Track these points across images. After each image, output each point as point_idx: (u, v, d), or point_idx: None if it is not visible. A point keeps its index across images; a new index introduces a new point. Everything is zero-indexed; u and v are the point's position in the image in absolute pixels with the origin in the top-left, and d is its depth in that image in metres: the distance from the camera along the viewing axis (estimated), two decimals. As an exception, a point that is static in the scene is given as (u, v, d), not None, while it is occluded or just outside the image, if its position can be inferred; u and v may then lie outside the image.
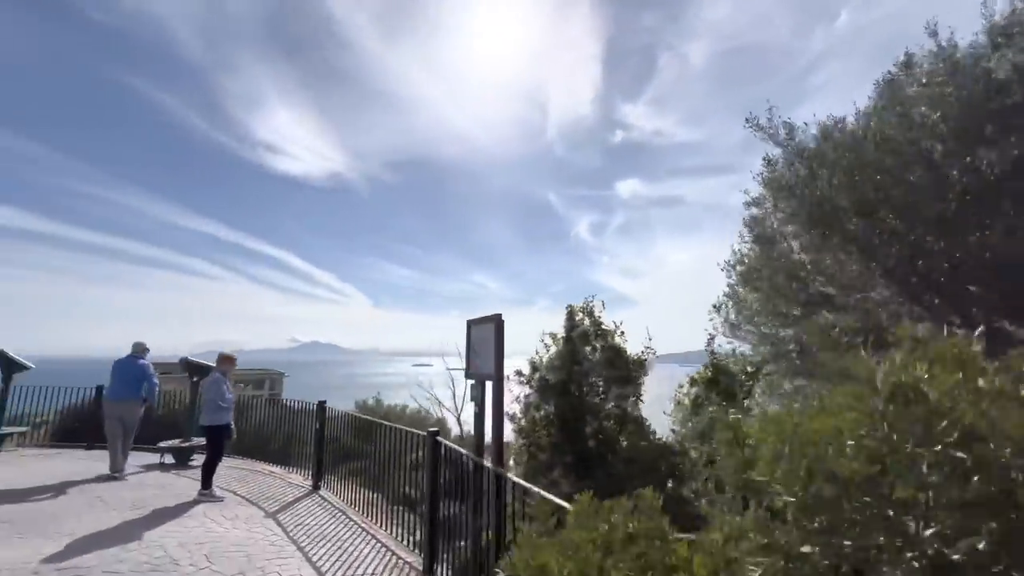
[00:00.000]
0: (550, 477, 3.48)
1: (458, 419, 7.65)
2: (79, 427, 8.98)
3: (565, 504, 2.08)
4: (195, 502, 5.53)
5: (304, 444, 7.97)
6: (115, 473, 6.57)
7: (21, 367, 8.42)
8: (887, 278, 3.57)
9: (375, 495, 6.38)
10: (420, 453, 7.42)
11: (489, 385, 4.18)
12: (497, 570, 1.74)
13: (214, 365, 8.17)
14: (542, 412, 4.04)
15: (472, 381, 4.34)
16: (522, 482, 3.03)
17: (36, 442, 8.96)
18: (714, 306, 5.60)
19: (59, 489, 5.71)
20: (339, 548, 4.53)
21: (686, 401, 4.40)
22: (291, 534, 4.75)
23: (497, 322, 3.95)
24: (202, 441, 7.71)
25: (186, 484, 6.31)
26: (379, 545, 4.71)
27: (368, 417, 6.39)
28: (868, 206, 3.37)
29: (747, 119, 4.24)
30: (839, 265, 3.76)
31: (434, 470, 4.31)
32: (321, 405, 6.78)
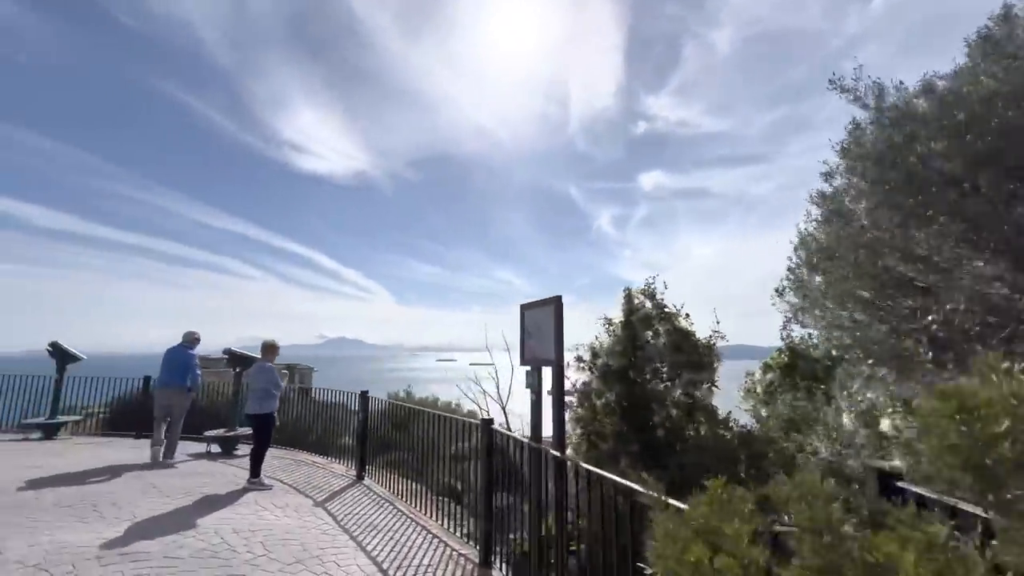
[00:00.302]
0: (616, 467, 3.27)
1: (503, 408, 7.47)
2: (128, 417, 9.22)
3: (657, 497, 1.87)
4: (245, 490, 5.54)
5: (341, 435, 8.00)
6: (154, 460, 6.76)
7: (74, 358, 8.67)
8: (996, 256, 3.22)
9: (418, 486, 6.30)
10: (465, 443, 7.33)
11: (547, 371, 4.00)
12: (642, 565, 1.55)
13: (258, 356, 8.28)
14: (603, 399, 3.82)
15: (528, 368, 4.16)
16: (595, 470, 2.83)
17: (88, 431, 9.23)
18: (776, 290, 5.29)
19: (113, 476, 5.80)
20: (391, 538, 4.43)
21: (758, 388, 4.13)
22: (342, 523, 4.68)
23: (556, 305, 3.75)
24: (247, 431, 7.81)
25: (234, 472, 6.35)
26: (430, 535, 4.59)
27: (414, 405, 6.29)
28: (978, 170, 3.03)
29: (831, 80, 3.90)
30: (936, 242, 3.42)
31: (489, 459, 4.16)
32: (364, 395, 6.73)
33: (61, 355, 8.54)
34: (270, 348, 6.06)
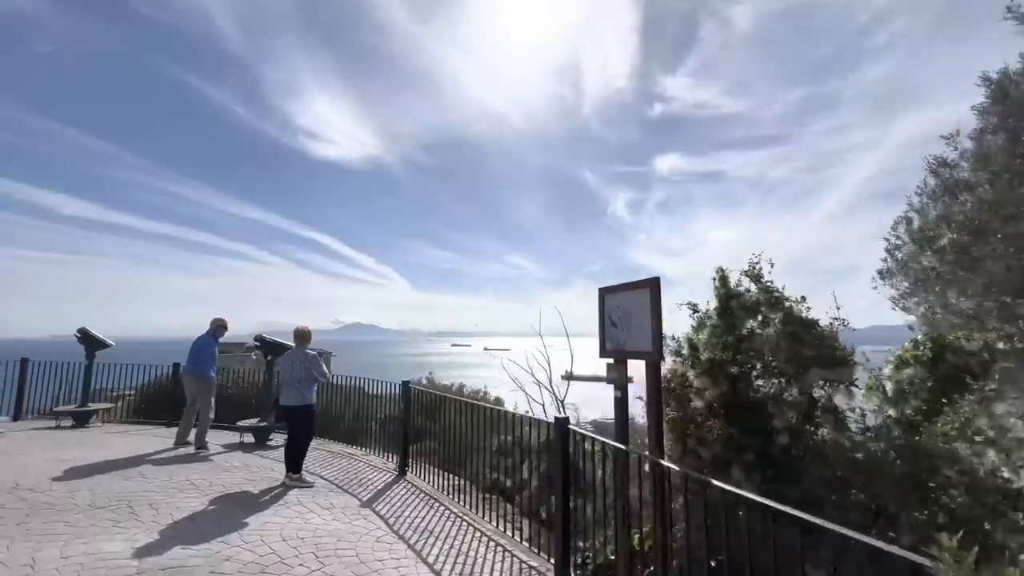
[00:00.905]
0: (726, 478, 2.75)
1: (561, 404, 6.96)
2: (159, 404, 9.00)
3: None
4: (284, 487, 5.17)
5: (372, 423, 7.65)
6: (177, 443, 6.72)
7: (103, 345, 8.41)
8: None
9: (462, 481, 5.90)
10: (506, 436, 6.89)
11: (631, 365, 3.48)
12: None
13: (289, 343, 7.91)
14: (703, 400, 3.28)
15: (609, 360, 3.64)
16: (733, 489, 2.31)
17: (119, 418, 9.03)
18: (879, 272, 4.67)
19: (148, 469, 5.49)
20: (450, 547, 4.00)
21: (888, 386, 3.55)
22: (395, 528, 4.27)
23: (653, 288, 3.20)
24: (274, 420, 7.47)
25: (271, 467, 6.01)
26: (491, 543, 4.15)
27: (465, 399, 5.84)
28: None
29: (1008, 7, 3.23)
30: None
31: (565, 462, 3.67)
32: (406, 386, 6.30)
33: (90, 341, 8.28)
34: (305, 335, 5.63)
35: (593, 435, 3.56)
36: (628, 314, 3.41)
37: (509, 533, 4.36)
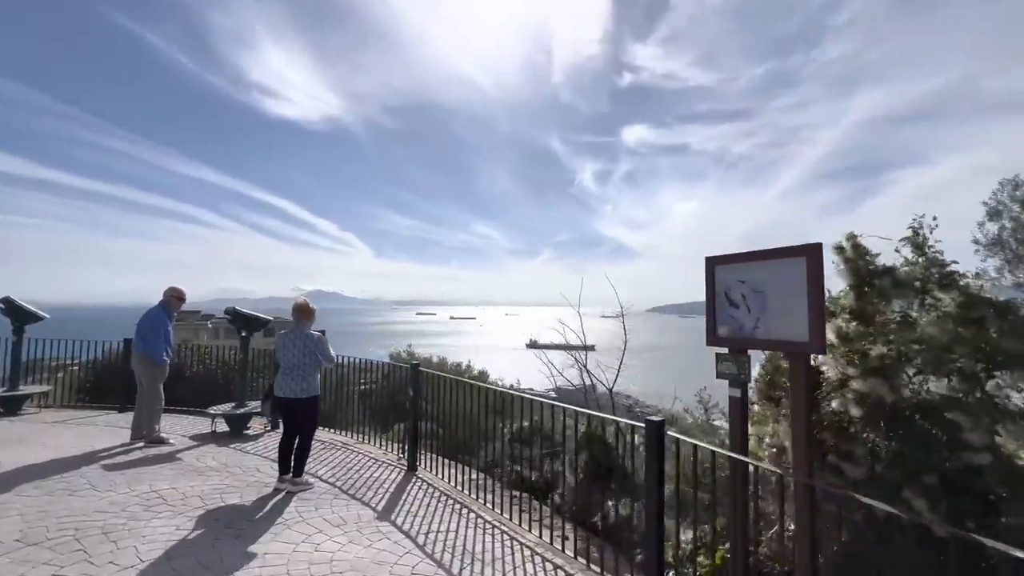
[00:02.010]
0: (896, 503, 2.06)
1: (610, 393, 6.20)
2: (109, 385, 7.72)
3: None
4: (276, 492, 4.25)
5: (347, 404, 6.75)
6: (135, 439, 5.59)
7: (34, 317, 7.02)
8: None
9: (478, 474, 5.16)
10: (522, 422, 6.14)
11: (744, 358, 2.71)
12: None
13: (266, 316, 6.77)
14: (848, 403, 2.55)
15: (721, 350, 2.86)
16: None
17: (60, 402, 7.71)
18: (979, 241, 4.05)
19: (99, 476, 4.41)
20: None
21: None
22: (429, 550, 3.44)
23: (812, 257, 2.40)
24: (253, 405, 6.44)
25: (255, 465, 5.03)
26: (550, 565, 3.41)
27: (487, 385, 4.97)
28: None
29: None
30: None
31: (660, 475, 2.91)
32: (415, 369, 5.39)
33: (16, 313, 6.87)
34: (306, 310, 4.56)
35: (703, 445, 2.80)
36: (763, 292, 2.60)
37: (559, 546, 3.63)
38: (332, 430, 6.86)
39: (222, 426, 6.37)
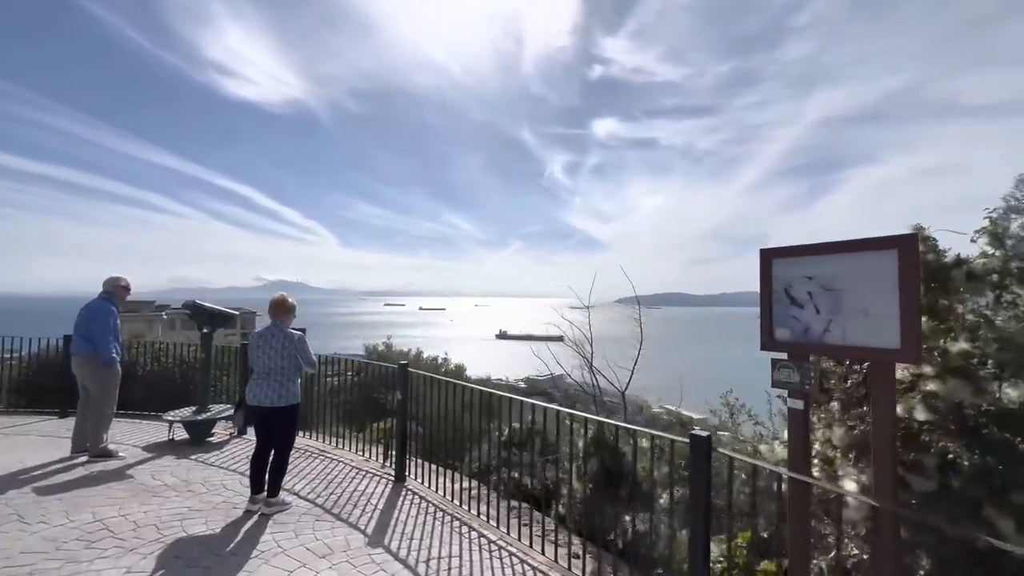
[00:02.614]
0: (980, 524, 1.78)
1: (622, 396, 5.82)
2: (48, 386, 6.85)
3: None
4: (248, 516, 3.69)
5: (326, 405, 6.19)
6: (77, 453, 4.90)
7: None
8: None
9: (471, 482, 4.77)
10: (511, 423, 5.74)
11: (806, 365, 2.37)
12: None
13: (233, 311, 6.09)
14: (915, 406, 2.25)
15: (778, 355, 2.51)
16: None
17: (-13, 407, 6.79)
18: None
19: (31, 503, 3.73)
20: (520, 609, 2.82)
21: None
22: (433, 584, 3.00)
23: (906, 249, 2.05)
24: (222, 409, 5.80)
25: (221, 479, 4.43)
26: (570, 595, 3.03)
27: (496, 391, 4.50)
28: None
29: None
30: None
31: (707, 496, 2.55)
32: (404, 369, 4.87)
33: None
34: (284, 305, 3.96)
35: (757, 462, 2.45)
36: (838, 290, 2.25)
37: (571, 566, 3.26)
38: (306, 434, 6.28)
39: (181, 433, 5.69)
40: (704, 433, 2.56)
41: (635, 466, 3.93)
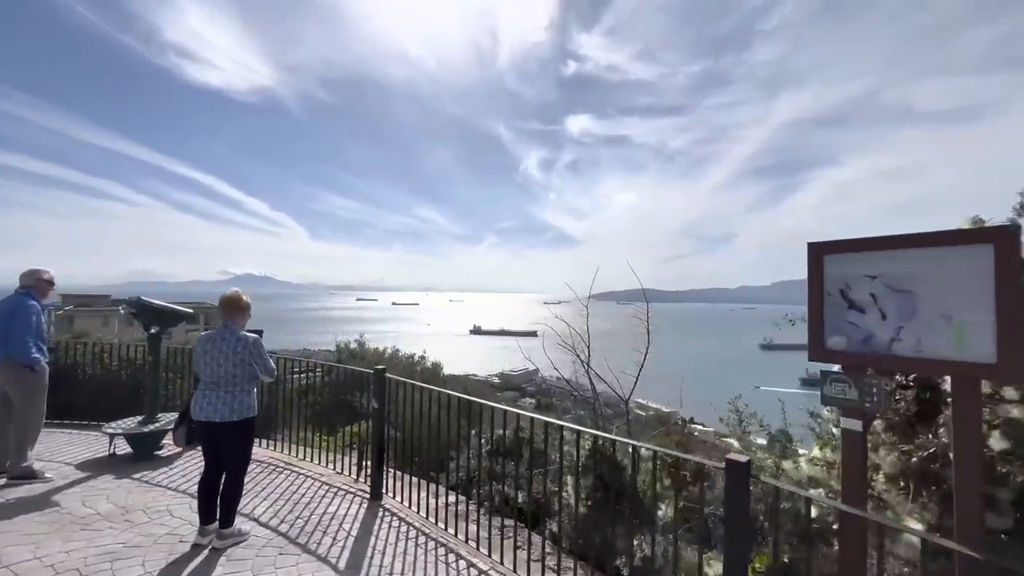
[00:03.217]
0: None
1: (625, 404, 5.39)
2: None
3: None
4: (196, 551, 3.14)
5: (293, 411, 5.64)
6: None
7: None
8: None
9: (456, 497, 4.34)
10: (492, 431, 5.31)
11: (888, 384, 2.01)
12: None
13: (182, 308, 5.43)
14: (990, 433, 1.93)
15: (829, 367, 2.14)
16: None
17: None
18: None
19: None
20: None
21: None
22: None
23: (1003, 244, 1.70)
24: (168, 418, 5.17)
25: (167, 503, 3.84)
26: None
27: (487, 403, 4.04)
28: None
29: None
30: None
31: (747, 527, 2.18)
32: (380, 375, 4.37)
33: None
34: (236, 303, 3.39)
35: (804, 492, 2.09)
36: (911, 291, 1.89)
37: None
38: (269, 444, 5.69)
39: (124, 447, 5.03)
40: (742, 458, 2.18)
41: (637, 481, 3.57)
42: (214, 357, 3.21)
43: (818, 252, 2.18)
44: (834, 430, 2.73)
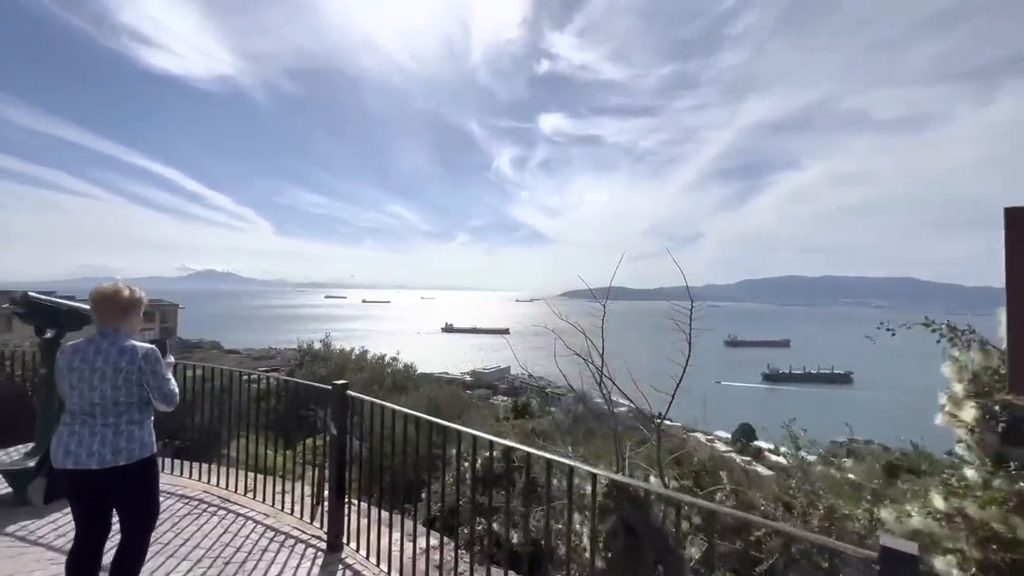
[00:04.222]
0: None
1: (657, 427, 4.49)
2: None
3: None
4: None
5: (234, 430, 4.62)
6: None
7: None
8: None
9: (429, 535, 3.49)
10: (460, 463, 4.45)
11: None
12: None
13: (83, 307, 4.31)
14: None
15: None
16: None
17: None
18: None
19: None
20: None
21: None
22: None
23: None
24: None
25: (45, 574, 2.83)
26: None
27: (476, 433, 3.13)
28: None
29: None
30: None
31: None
32: (341, 392, 3.42)
33: None
34: (120, 302, 2.38)
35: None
36: None
37: None
38: (201, 475, 4.63)
39: (3, 487, 3.91)
40: (909, 549, 1.38)
41: (661, 521, 2.78)
42: (84, 377, 2.21)
43: (1018, 219, 1.39)
44: (969, 475, 2.00)
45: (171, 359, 2.74)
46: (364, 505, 3.84)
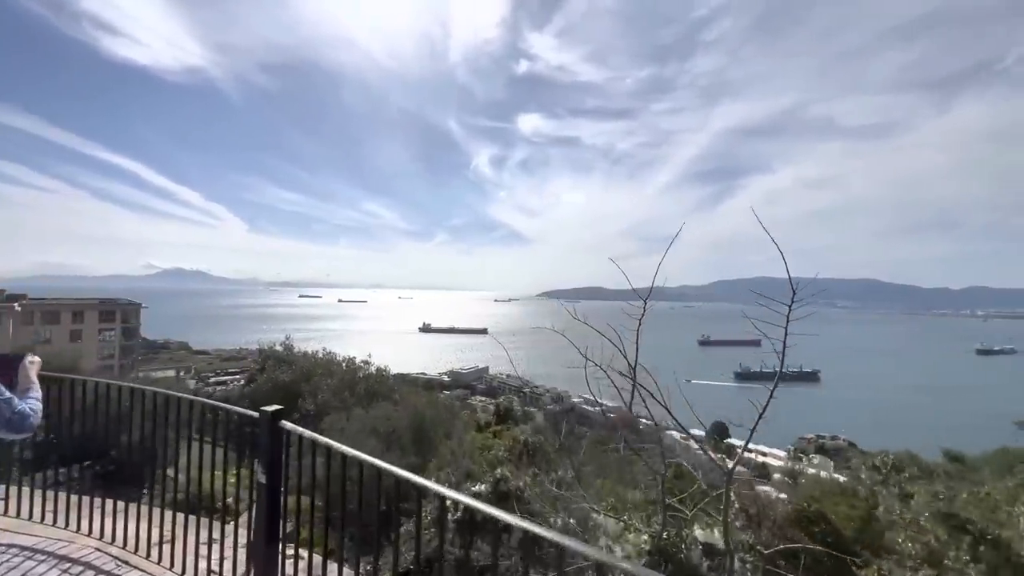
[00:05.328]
0: None
1: (704, 450, 3.55)
2: None
3: None
4: None
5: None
6: None
7: None
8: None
9: None
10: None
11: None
12: None
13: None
14: None
15: None
16: None
17: None
18: None
19: None
20: None
21: None
22: None
23: None
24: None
25: None
26: None
27: (454, 494, 2.19)
28: None
29: None
30: None
31: None
32: (272, 423, 2.43)
33: None
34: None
35: None
36: None
37: None
38: (100, 518, 3.54)
39: None
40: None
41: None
42: None
43: None
44: None
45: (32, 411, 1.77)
46: (316, 558, 2.85)
